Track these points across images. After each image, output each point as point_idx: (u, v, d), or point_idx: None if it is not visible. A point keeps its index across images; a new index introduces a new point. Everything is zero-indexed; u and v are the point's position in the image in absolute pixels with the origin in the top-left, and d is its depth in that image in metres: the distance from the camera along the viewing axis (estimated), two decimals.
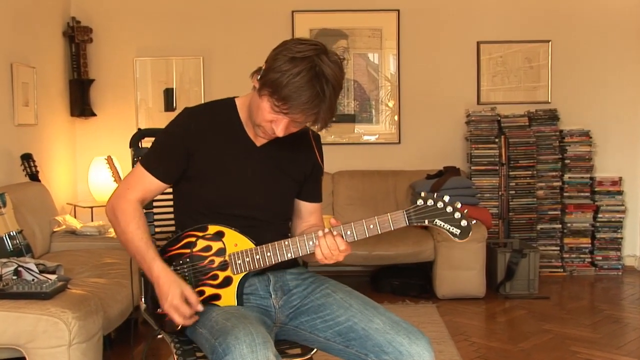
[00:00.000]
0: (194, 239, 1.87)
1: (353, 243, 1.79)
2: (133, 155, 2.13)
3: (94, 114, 5.14)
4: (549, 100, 5.24)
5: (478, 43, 5.23)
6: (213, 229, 1.85)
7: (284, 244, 1.80)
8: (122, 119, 5.18)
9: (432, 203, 1.73)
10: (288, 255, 1.80)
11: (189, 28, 5.20)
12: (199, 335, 1.79)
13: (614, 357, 3.32)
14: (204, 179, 1.88)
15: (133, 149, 2.11)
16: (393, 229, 1.74)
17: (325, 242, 1.75)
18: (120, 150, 4.64)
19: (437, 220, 1.73)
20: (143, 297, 2.01)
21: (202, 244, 1.86)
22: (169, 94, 5.21)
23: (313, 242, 1.78)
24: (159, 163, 1.88)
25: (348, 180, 5.07)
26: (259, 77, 1.75)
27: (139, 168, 1.89)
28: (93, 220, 4.68)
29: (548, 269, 5.03)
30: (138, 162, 1.93)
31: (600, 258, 5.10)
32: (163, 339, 1.95)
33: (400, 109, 5.27)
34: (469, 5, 5.25)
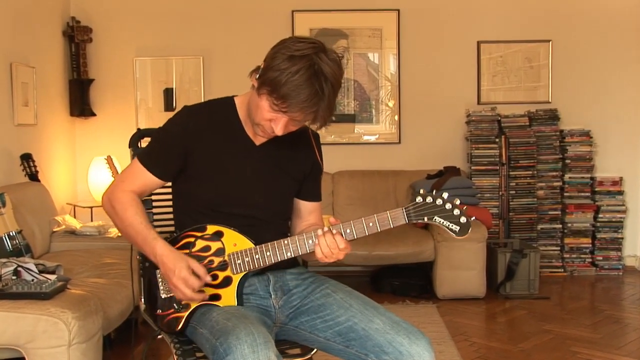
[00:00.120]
0: (193, 239, 1.86)
1: (353, 242, 1.79)
2: (132, 155, 2.11)
3: (94, 114, 5.14)
4: (549, 100, 5.23)
5: (478, 43, 5.23)
6: (212, 229, 1.85)
7: (284, 243, 1.79)
8: (121, 119, 5.17)
9: (431, 200, 1.72)
10: (288, 255, 1.80)
11: (189, 28, 5.20)
12: (199, 336, 1.78)
13: (615, 357, 3.32)
14: (203, 178, 1.88)
15: (132, 149, 2.11)
16: (392, 227, 1.74)
17: (325, 240, 1.74)
18: (120, 150, 4.62)
19: (436, 217, 1.73)
20: (143, 297, 2.01)
21: (201, 244, 1.85)
22: (169, 94, 5.20)
23: (313, 240, 1.77)
24: (156, 160, 1.88)
25: (348, 180, 5.06)
26: (258, 75, 1.74)
27: (136, 163, 1.89)
28: (93, 220, 4.68)
29: (548, 269, 5.02)
30: (135, 157, 1.93)
31: (601, 258, 5.09)
32: (163, 339, 1.94)
33: (400, 109, 5.27)
34: (469, 5, 5.25)
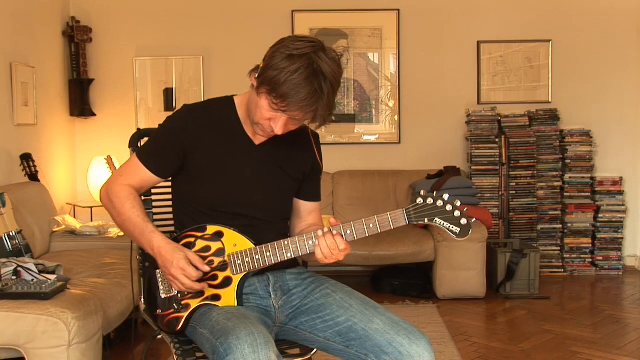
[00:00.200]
0: (193, 240, 1.86)
1: (353, 243, 1.78)
2: None
3: (94, 114, 5.14)
4: (550, 100, 5.23)
5: (478, 43, 5.23)
6: (212, 229, 1.85)
7: (284, 244, 1.79)
8: (121, 119, 5.17)
9: (431, 201, 1.72)
10: (288, 255, 1.80)
11: (189, 28, 5.20)
12: (200, 336, 1.78)
13: (615, 357, 3.32)
14: (202, 178, 1.88)
15: (132, 149, 2.11)
16: (393, 228, 1.74)
17: (325, 241, 1.74)
18: (120, 150, 4.64)
19: (436, 219, 1.72)
20: (143, 297, 2.01)
21: (201, 244, 1.85)
22: (169, 94, 5.20)
23: (313, 241, 1.77)
24: (154, 157, 1.89)
25: (348, 180, 5.06)
26: (257, 75, 1.74)
27: (135, 159, 1.90)
28: (93, 220, 4.68)
29: (548, 269, 5.02)
30: (135, 153, 1.94)
31: (601, 258, 5.09)
32: (163, 340, 1.94)
33: (401, 109, 5.27)
34: (470, 5, 5.24)
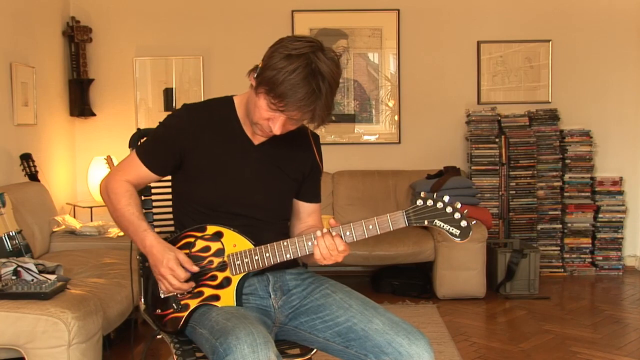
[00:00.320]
0: (193, 239, 1.86)
1: (353, 243, 1.78)
2: None
3: (94, 114, 5.14)
4: (550, 100, 5.23)
5: (478, 43, 5.23)
6: (212, 230, 1.85)
7: (283, 245, 1.79)
8: (121, 119, 5.17)
9: (431, 203, 1.71)
10: (287, 256, 1.79)
11: (189, 28, 5.20)
12: (199, 336, 1.78)
13: (615, 357, 3.32)
14: (202, 177, 1.88)
15: (132, 149, 2.11)
16: (392, 230, 1.73)
17: (324, 242, 1.74)
18: (120, 150, 4.63)
19: (436, 221, 1.72)
20: (143, 297, 2.01)
21: (200, 244, 1.85)
22: (169, 94, 5.20)
23: (312, 242, 1.77)
24: (153, 155, 1.90)
25: (348, 180, 5.06)
26: (256, 75, 1.74)
27: (133, 156, 1.92)
28: (92, 220, 4.68)
29: (548, 269, 5.02)
30: (134, 149, 1.95)
31: (601, 258, 5.09)
32: (163, 339, 1.94)
33: (400, 109, 5.27)
34: (469, 5, 5.24)
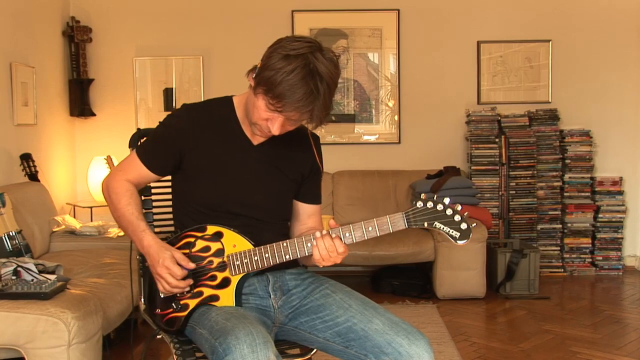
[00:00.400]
0: (193, 239, 1.86)
1: (352, 244, 1.78)
2: None
3: (94, 114, 5.14)
4: (549, 100, 5.23)
5: (478, 42, 5.23)
6: (212, 230, 1.85)
7: (282, 246, 1.79)
8: (121, 119, 5.17)
9: (431, 205, 1.70)
10: (286, 257, 1.79)
11: (189, 27, 5.20)
12: (199, 336, 1.78)
13: (615, 357, 3.32)
14: (201, 177, 1.89)
15: (132, 149, 2.11)
16: (392, 231, 1.73)
17: (324, 243, 1.74)
18: (120, 150, 4.63)
19: (436, 223, 1.71)
20: (142, 297, 2.01)
21: (201, 244, 1.86)
22: (169, 94, 5.20)
23: (312, 243, 1.76)
24: (152, 155, 1.91)
25: (348, 180, 5.06)
26: (254, 75, 1.74)
27: (133, 155, 1.93)
28: (92, 220, 4.68)
29: (548, 269, 5.02)
30: (134, 149, 1.96)
31: (601, 258, 5.09)
32: (163, 340, 1.94)
33: (400, 109, 5.27)
34: (469, 5, 5.24)
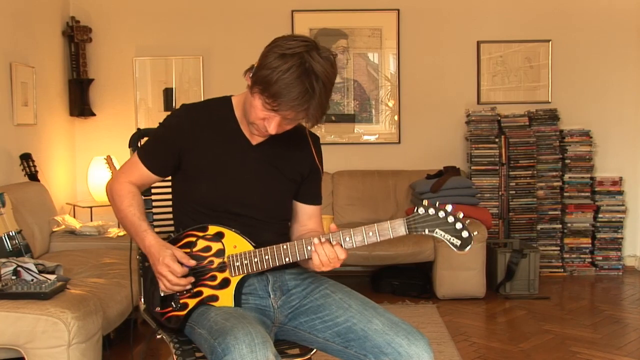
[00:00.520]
0: (194, 239, 1.86)
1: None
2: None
3: (93, 114, 5.13)
4: (549, 100, 5.23)
5: (478, 42, 5.23)
6: (213, 230, 1.85)
7: (283, 248, 1.78)
8: (121, 119, 5.17)
9: (433, 212, 1.69)
10: (286, 260, 1.79)
11: (189, 27, 5.20)
12: (198, 336, 1.78)
13: (615, 357, 3.32)
14: (200, 177, 1.89)
15: (132, 149, 2.11)
16: (392, 237, 1.71)
17: (324, 250, 1.73)
18: (120, 150, 4.63)
19: (437, 230, 1.69)
20: (142, 297, 2.01)
21: (202, 244, 1.86)
22: (169, 94, 5.20)
23: (312, 247, 1.76)
24: (152, 156, 1.92)
25: (348, 180, 5.06)
26: (252, 74, 1.74)
27: (135, 157, 1.94)
28: (92, 220, 4.67)
29: (548, 269, 5.02)
30: (135, 151, 1.98)
31: (601, 258, 5.09)
32: (163, 340, 1.94)
33: (400, 109, 5.27)
34: (469, 5, 5.24)
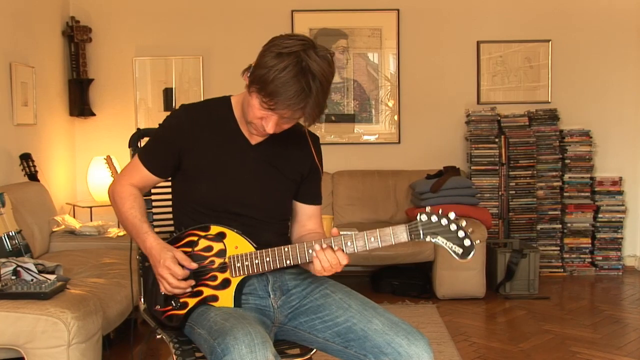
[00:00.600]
0: (196, 238, 1.87)
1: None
2: (132, 156, 2.13)
3: (93, 114, 5.13)
4: (549, 100, 5.23)
5: (478, 42, 5.23)
6: (215, 230, 1.85)
7: (284, 250, 1.78)
8: (121, 119, 5.17)
9: (435, 219, 1.68)
10: (287, 262, 1.79)
11: (189, 27, 5.20)
12: (197, 336, 1.78)
13: (614, 357, 3.32)
14: (200, 177, 1.89)
15: (132, 149, 2.12)
16: (394, 244, 1.71)
17: (326, 256, 1.72)
18: (120, 150, 4.63)
19: (439, 238, 1.68)
20: (142, 297, 2.01)
21: (203, 244, 1.86)
22: (169, 94, 5.20)
23: (313, 250, 1.75)
24: (152, 157, 1.92)
25: (348, 180, 5.06)
26: (249, 74, 1.75)
27: (135, 159, 1.95)
28: (92, 220, 4.67)
29: (548, 269, 5.02)
30: (136, 153, 1.98)
31: (601, 258, 5.09)
32: (163, 340, 1.94)
33: (400, 109, 5.27)
34: (469, 5, 5.24)
